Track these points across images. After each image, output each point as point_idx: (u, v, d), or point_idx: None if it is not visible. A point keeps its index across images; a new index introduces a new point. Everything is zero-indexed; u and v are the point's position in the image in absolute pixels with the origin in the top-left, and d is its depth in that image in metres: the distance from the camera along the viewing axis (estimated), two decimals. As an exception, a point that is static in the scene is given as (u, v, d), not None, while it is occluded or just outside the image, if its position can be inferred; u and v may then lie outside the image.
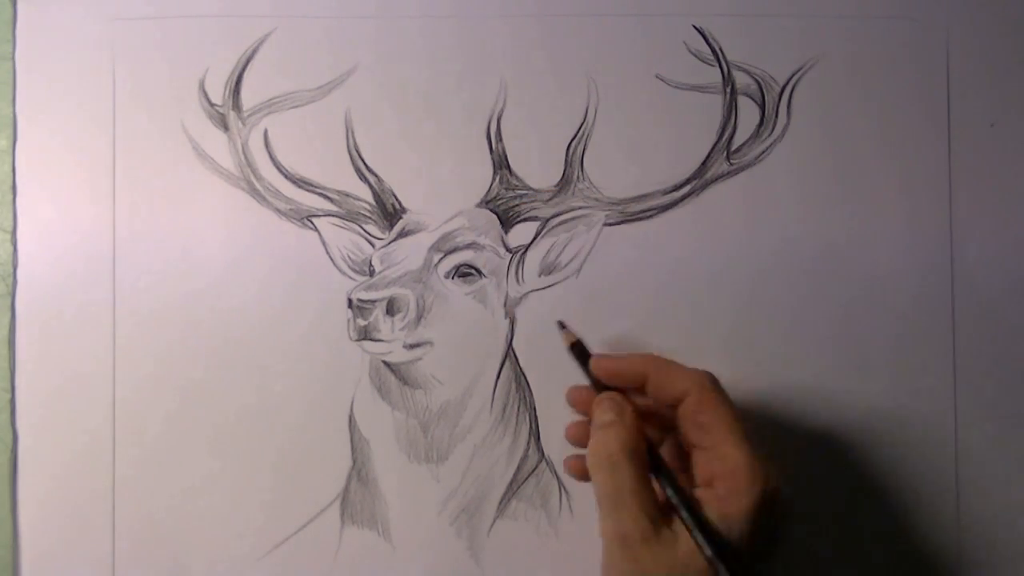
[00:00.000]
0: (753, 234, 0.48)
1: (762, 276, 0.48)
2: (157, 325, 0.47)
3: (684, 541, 0.37)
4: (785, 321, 0.48)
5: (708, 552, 0.37)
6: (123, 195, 0.47)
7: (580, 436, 0.44)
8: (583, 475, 0.42)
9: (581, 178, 0.48)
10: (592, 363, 0.43)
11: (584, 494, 0.47)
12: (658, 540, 0.38)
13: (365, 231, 0.48)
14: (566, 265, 0.48)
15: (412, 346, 0.47)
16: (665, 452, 0.42)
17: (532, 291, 0.48)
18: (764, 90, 0.48)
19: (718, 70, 0.48)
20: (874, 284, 0.48)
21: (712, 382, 0.40)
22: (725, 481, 0.38)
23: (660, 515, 0.38)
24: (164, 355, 0.47)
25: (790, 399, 0.48)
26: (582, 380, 0.44)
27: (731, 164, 0.48)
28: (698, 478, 0.40)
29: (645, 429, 0.41)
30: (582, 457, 0.42)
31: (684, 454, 0.41)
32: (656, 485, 0.39)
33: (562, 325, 0.45)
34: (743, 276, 0.48)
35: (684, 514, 0.38)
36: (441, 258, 0.47)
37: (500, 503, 0.47)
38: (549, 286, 0.48)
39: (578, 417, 0.45)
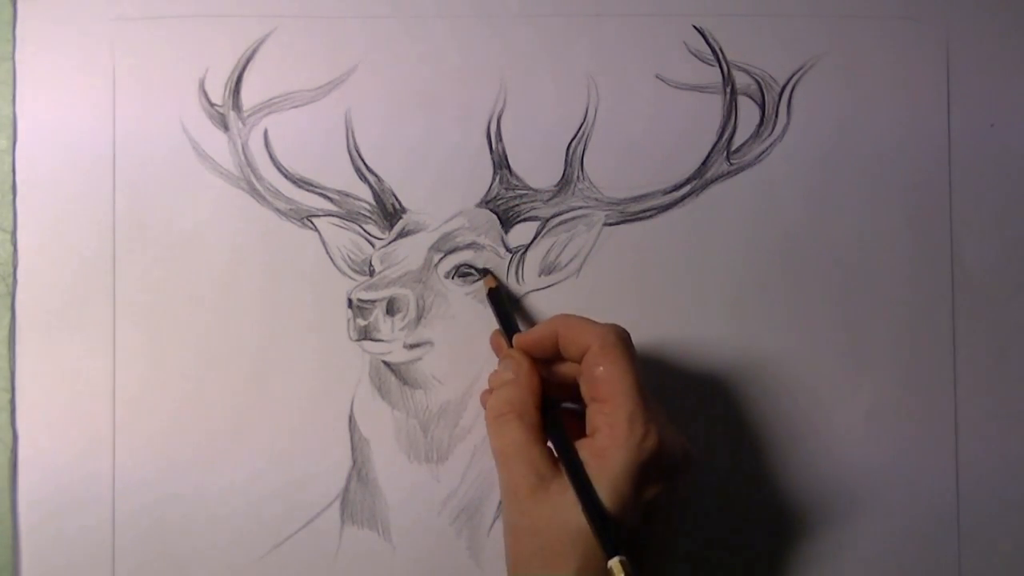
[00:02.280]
0: (753, 234, 0.48)
1: (762, 276, 0.48)
2: (157, 325, 0.47)
3: (573, 494, 0.38)
4: (785, 321, 0.48)
5: (581, 508, 0.37)
6: (123, 195, 0.47)
7: (496, 345, 0.46)
8: (496, 349, 0.45)
9: (581, 178, 0.48)
10: (515, 342, 0.43)
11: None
12: (547, 494, 0.38)
13: (365, 231, 0.48)
14: (566, 265, 0.48)
15: (412, 346, 0.47)
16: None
17: (532, 291, 0.48)
18: (764, 90, 0.48)
19: (718, 70, 0.48)
20: (874, 284, 0.48)
21: (617, 337, 0.40)
22: (603, 434, 0.39)
23: (552, 470, 0.39)
24: (164, 355, 0.47)
25: (790, 399, 0.48)
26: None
27: (731, 164, 0.48)
28: (588, 431, 0.40)
29: (551, 388, 0.42)
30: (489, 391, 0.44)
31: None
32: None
33: (485, 271, 0.47)
34: (743, 276, 0.48)
35: (563, 471, 0.39)
36: (441, 258, 0.47)
37: (500, 503, 0.47)
38: (549, 286, 0.48)
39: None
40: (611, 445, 0.38)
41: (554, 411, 0.41)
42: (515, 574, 0.39)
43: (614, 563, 0.36)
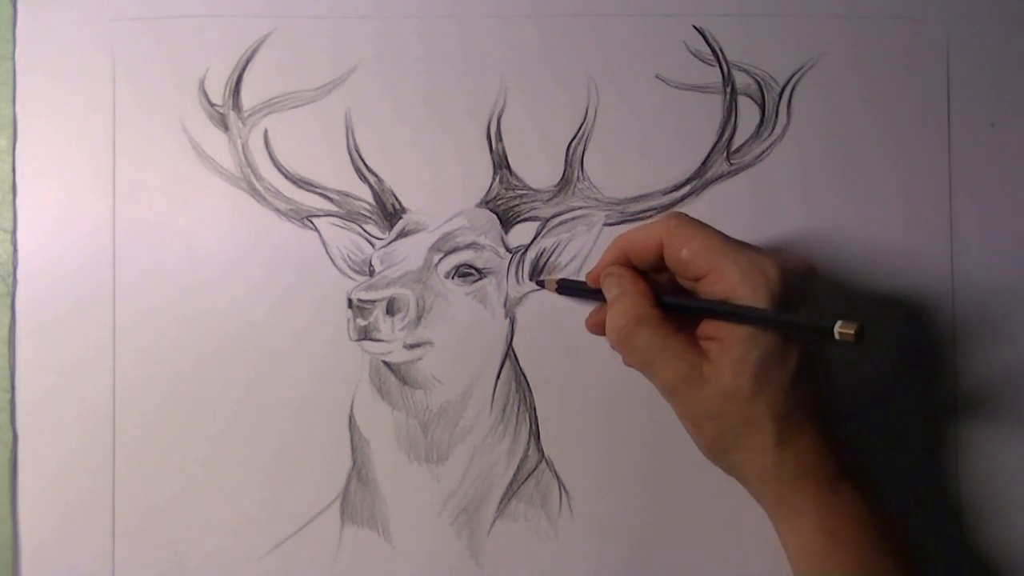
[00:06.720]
0: (753, 234, 0.48)
1: (762, 276, 0.48)
2: (157, 325, 0.47)
3: (725, 366, 0.39)
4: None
5: (758, 309, 0.38)
6: (123, 195, 0.47)
7: (596, 323, 0.45)
8: (600, 330, 0.44)
9: (581, 178, 0.48)
10: (588, 278, 0.45)
11: (584, 494, 0.47)
12: (702, 377, 0.39)
13: (365, 231, 0.48)
14: (566, 265, 0.48)
15: (412, 346, 0.47)
16: None
17: (532, 291, 0.48)
18: (764, 90, 0.48)
19: (718, 70, 0.48)
20: (874, 284, 0.48)
21: (678, 217, 0.42)
22: (728, 297, 0.39)
23: (698, 354, 0.40)
24: (164, 355, 0.47)
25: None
26: (585, 387, 0.44)
27: (731, 164, 0.48)
28: None
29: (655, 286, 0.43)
30: (594, 313, 0.46)
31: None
32: (683, 341, 0.40)
33: (541, 283, 0.47)
34: (743, 276, 0.48)
35: (716, 308, 0.39)
36: (441, 258, 0.47)
37: (500, 503, 0.47)
38: (549, 286, 0.48)
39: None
40: (744, 301, 0.39)
41: (668, 295, 0.42)
42: (714, 453, 0.41)
43: (840, 326, 0.37)
